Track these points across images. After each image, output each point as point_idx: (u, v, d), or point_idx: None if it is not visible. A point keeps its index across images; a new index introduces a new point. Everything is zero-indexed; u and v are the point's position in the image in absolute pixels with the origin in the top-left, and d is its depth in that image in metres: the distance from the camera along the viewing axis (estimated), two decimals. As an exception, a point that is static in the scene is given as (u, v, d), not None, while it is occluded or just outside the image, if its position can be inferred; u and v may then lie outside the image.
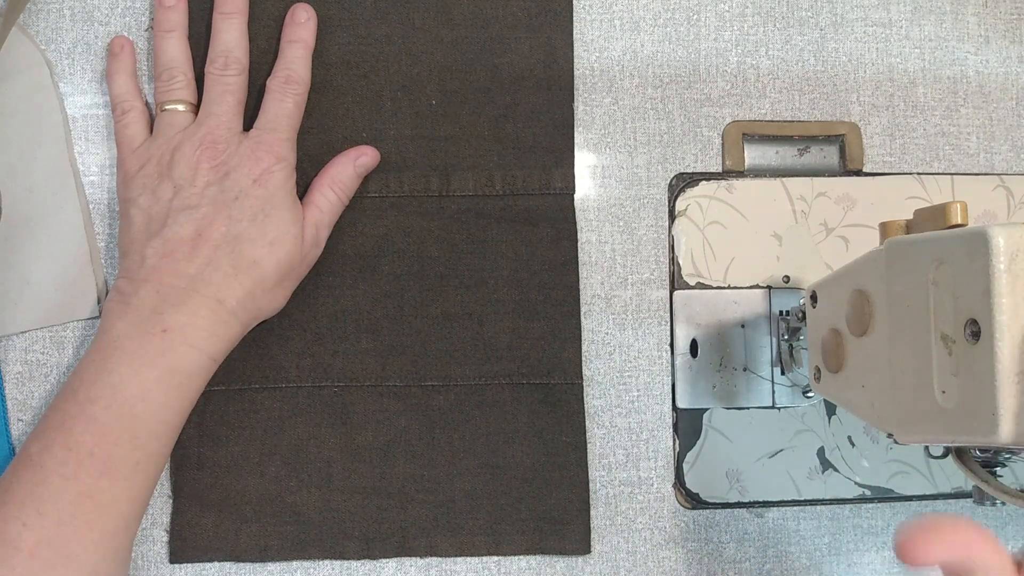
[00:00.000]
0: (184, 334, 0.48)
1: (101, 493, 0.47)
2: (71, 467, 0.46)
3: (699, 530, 0.58)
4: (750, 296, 0.58)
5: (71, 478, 0.46)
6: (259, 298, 0.50)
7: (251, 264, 0.50)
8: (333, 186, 0.53)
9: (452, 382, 0.56)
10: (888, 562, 0.59)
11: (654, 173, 0.58)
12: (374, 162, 0.55)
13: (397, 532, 0.55)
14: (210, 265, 0.49)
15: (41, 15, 0.55)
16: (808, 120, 0.59)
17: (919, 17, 0.60)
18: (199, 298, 0.48)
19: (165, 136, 0.52)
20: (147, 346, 0.48)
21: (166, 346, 0.48)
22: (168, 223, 0.49)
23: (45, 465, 0.46)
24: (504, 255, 0.56)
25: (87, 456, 0.46)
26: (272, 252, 0.50)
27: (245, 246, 0.49)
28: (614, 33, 0.58)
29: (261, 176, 0.50)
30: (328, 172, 0.54)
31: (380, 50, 0.56)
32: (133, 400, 0.47)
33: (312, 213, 0.53)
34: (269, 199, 0.50)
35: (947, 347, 0.39)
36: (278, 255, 0.50)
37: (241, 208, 0.50)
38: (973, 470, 0.43)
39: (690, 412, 0.57)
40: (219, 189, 0.50)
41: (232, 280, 0.49)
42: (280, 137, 0.52)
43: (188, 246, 0.49)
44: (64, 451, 0.47)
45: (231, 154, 0.51)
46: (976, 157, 0.60)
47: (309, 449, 0.55)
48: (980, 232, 0.37)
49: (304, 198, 0.53)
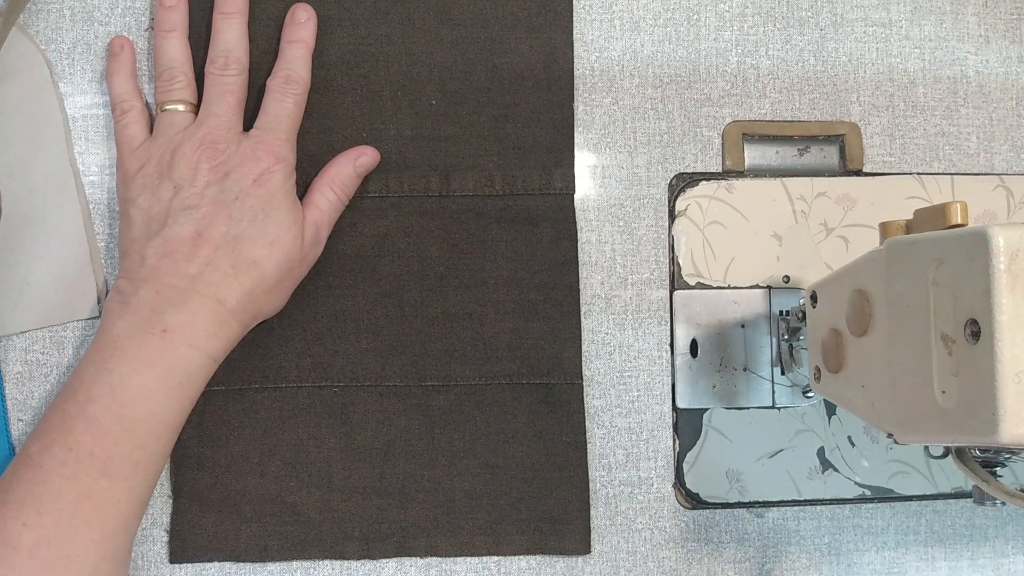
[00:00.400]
0: (184, 334, 0.48)
1: (101, 493, 0.47)
2: (71, 467, 0.46)
3: (699, 530, 0.58)
4: (750, 296, 0.58)
5: (71, 478, 0.46)
6: (259, 298, 0.50)
7: (251, 264, 0.50)
8: (333, 186, 0.53)
9: (452, 382, 0.56)
10: (888, 562, 0.59)
11: (654, 173, 0.58)
12: (374, 162, 0.55)
13: (397, 532, 0.55)
14: (210, 265, 0.49)
15: (41, 15, 0.55)
16: (808, 120, 0.59)
17: (919, 17, 0.60)
18: (199, 298, 0.48)
19: (165, 136, 0.52)
20: (147, 346, 0.48)
21: (166, 346, 0.48)
22: (168, 223, 0.49)
23: (45, 465, 0.46)
24: (504, 255, 0.56)
25: (87, 456, 0.46)
26: (272, 252, 0.50)
27: (245, 246, 0.49)
28: (614, 33, 0.58)
29: (261, 176, 0.50)
30: (328, 172, 0.54)
31: (380, 50, 0.56)
32: (133, 400, 0.47)
33: (312, 213, 0.53)
34: (269, 199, 0.50)
35: (947, 347, 0.39)
36: (278, 255, 0.50)
37: (241, 208, 0.50)
38: (973, 470, 0.43)
39: (690, 412, 0.57)
40: (219, 189, 0.50)
41: (232, 280, 0.49)
42: (280, 137, 0.52)
43: (188, 246, 0.49)
44: (64, 451, 0.47)
45: (231, 154, 0.51)
46: (976, 157, 0.60)
47: (309, 449, 0.55)
48: (980, 232, 0.37)
49: (304, 198, 0.53)
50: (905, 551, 0.59)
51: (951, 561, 0.59)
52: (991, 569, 0.60)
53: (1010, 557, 0.60)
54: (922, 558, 0.59)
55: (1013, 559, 0.60)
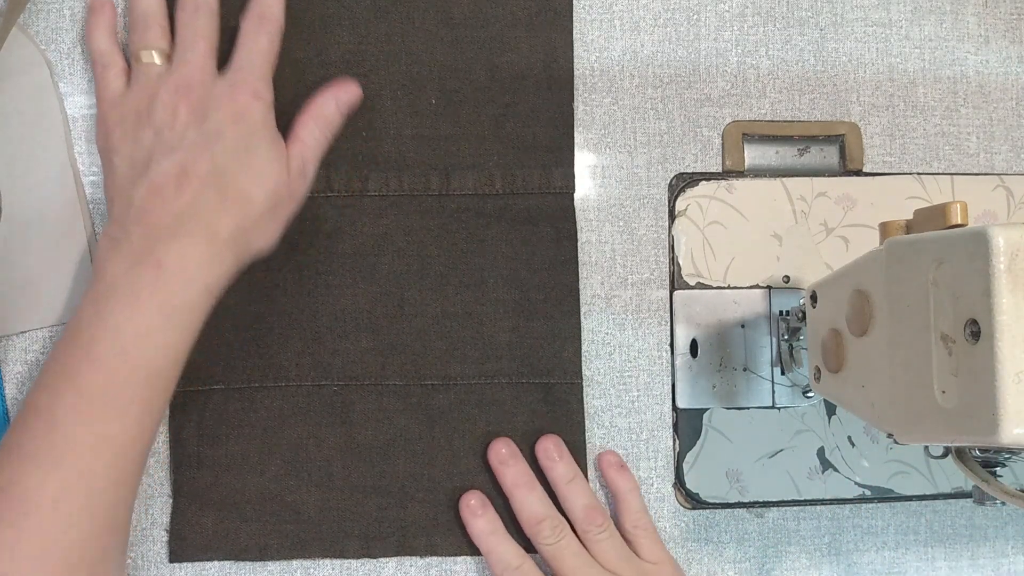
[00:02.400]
0: (179, 268, 0.47)
1: (117, 437, 0.46)
2: (84, 412, 0.45)
3: (699, 530, 0.58)
4: (750, 296, 0.58)
5: (85, 424, 0.45)
6: (250, 231, 0.50)
7: (239, 196, 0.49)
8: (315, 120, 0.53)
9: (452, 381, 0.56)
10: (888, 562, 0.59)
11: (654, 173, 0.58)
12: (355, 99, 0.54)
13: (397, 531, 0.55)
14: (198, 199, 0.48)
15: (41, 15, 0.55)
16: (808, 120, 0.59)
17: (919, 17, 0.60)
18: (190, 231, 0.48)
19: (141, 85, 0.51)
20: (143, 283, 0.47)
21: (162, 281, 0.47)
22: (151, 165, 0.49)
23: (56, 413, 0.45)
24: (504, 254, 0.56)
25: (99, 398, 0.46)
26: (259, 184, 0.50)
27: (231, 180, 0.49)
28: (614, 33, 0.58)
29: (239, 113, 0.50)
30: (310, 108, 0.53)
31: (380, 49, 0.56)
32: (137, 338, 0.46)
33: (296, 146, 0.52)
34: (250, 135, 0.50)
35: (947, 347, 0.39)
36: (265, 187, 0.50)
37: (223, 145, 0.49)
38: (973, 470, 0.43)
39: (690, 412, 0.57)
40: (199, 130, 0.49)
41: (222, 212, 0.49)
42: (255, 75, 0.51)
43: (174, 184, 0.48)
44: (74, 397, 0.46)
45: (208, 96, 0.50)
46: (976, 157, 0.60)
47: (309, 448, 0.55)
48: (980, 232, 0.37)
49: (287, 135, 0.52)
50: (905, 551, 0.59)
51: (951, 561, 0.59)
52: (991, 569, 0.60)
53: (1010, 557, 0.60)
54: (922, 558, 0.59)
55: (1013, 559, 0.60)
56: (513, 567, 0.53)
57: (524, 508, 0.54)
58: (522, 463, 0.55)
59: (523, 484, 0.54)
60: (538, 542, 0.53)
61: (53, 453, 0.45)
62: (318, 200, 0.55)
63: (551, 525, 0.53)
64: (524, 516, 0.54)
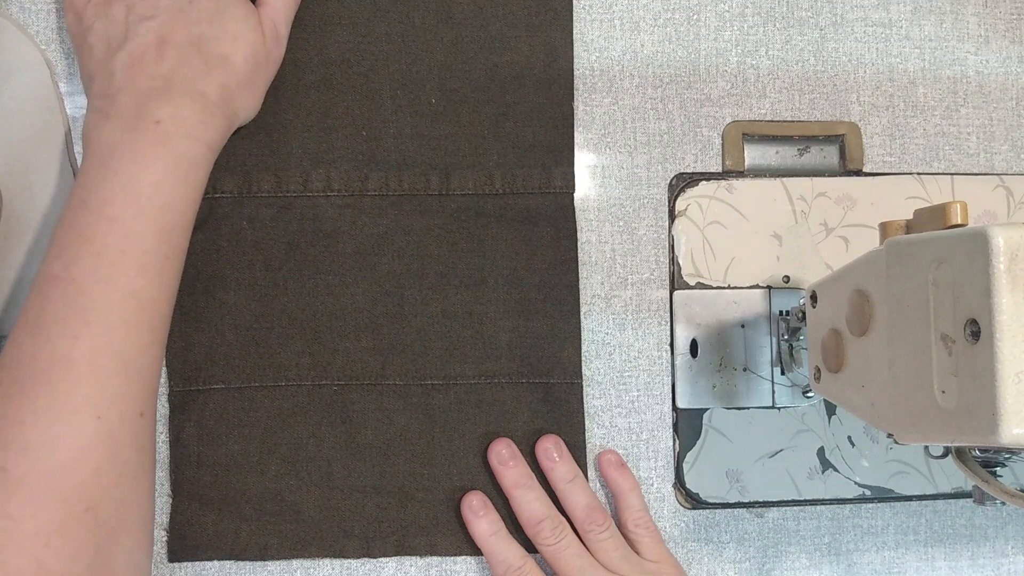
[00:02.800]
0: (177, 124, 0.47)
1: (141, 292, 0.46)
2: (105, 271, 0.45)
3: (699, 530, 0.58)
4: (750, 296, 0.58)
5: (108, 282, 0.45)
6: (234, 92, 0.50)
7: (220, 59, 0.49)
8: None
9: (452, 381, 0.56)
10: (888, 562, 0.59)
11: (654, 173, 0.58)
12: None
13: (397, 531, 0.55)
14: (181, 63, 0.48)
15: (41, 15, 0.55)
16: (808, 120, 0.59)
17: (919, 17, 0.60)
18: (180, 91, 0.48)
19: None
20: (144, 140, 0.47)
21: (162, 136, 0.47)
22: (129, 36, 0.49)
23: (76, 277, 0.45)
24: (504, 254, 0.56)
25: (119, 256, 0.45)
26: (237, 47, 0.50)
27: (210, 44, 0.49)
28: (614, 33, 0.58)
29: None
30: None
31: (380, 48, 0.56)
32: (147, 194, 0.46)
33: (265, 11, 0.52)
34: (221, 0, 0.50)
35: (947, 347, 0.39)
36: (244, 49, 0.50)
37: (197, 11, 0.49)
38: (973, 470, 0.43)
39: (690, 412, 0.57)
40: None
41: (206, 74, 0.49)
42: None
43: (154, 51, 0.48)
44: (93, 258, 0.45)
45: None
46: (976, 157, 0.60)
47: (309, 447, 0.55)
48: (980, 232, 0.37)
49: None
50: (905, 551, 0.59)
51: (951, 561, 0.59)
52: (991, 569, 0.60)
53: (1010, 557, 0.60)
54: (922, 558, 0.59)
55: (1013, 559, 0.60)
56: (515, 568, 0.53)
57: (524, 508, 0.54)
58: (522, 463, 0.55)
59: (523, 484, 0.54)
60: (539, 542, 0.53)
61: (80, 314, 0.44)
62: (318, 200, 0.55)
63: (551, 525, 0.53)
64: (524, 516, 0.54)
